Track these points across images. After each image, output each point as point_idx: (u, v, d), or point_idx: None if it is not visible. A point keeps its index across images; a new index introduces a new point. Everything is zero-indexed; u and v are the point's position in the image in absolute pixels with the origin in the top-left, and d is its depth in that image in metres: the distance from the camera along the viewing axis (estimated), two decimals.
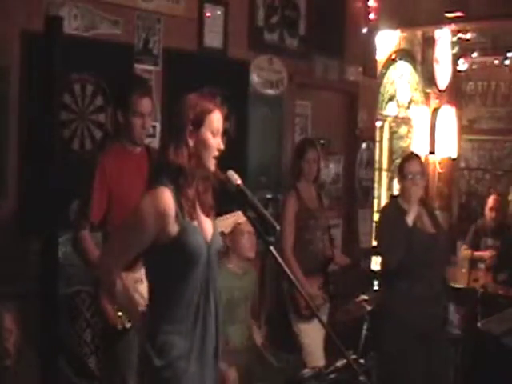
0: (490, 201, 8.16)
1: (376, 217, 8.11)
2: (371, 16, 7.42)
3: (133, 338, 3.83)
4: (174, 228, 2.88)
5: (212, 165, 2.98)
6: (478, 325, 6.08)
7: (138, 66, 5.34)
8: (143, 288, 3.53)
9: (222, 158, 3.02)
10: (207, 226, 3.05)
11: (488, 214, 8.14)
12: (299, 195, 5.71)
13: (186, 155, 2.93)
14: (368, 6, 7.41)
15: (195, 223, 2.96)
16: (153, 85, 5.32)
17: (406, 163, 5.17)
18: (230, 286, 4.81)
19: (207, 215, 3.06)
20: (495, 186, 9.67)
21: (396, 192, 7.04)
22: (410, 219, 5.00)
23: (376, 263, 7.32)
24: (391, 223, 5.11)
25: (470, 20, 7.56)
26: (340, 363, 4.25)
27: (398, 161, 8.53)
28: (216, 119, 2.99)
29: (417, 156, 5.36)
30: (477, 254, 7.79)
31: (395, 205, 5.22)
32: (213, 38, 5.92)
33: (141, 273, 3.60)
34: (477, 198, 9.71)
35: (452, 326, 6.51)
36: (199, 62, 5.77)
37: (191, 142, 2.94)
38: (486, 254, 7.82)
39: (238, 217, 4.67)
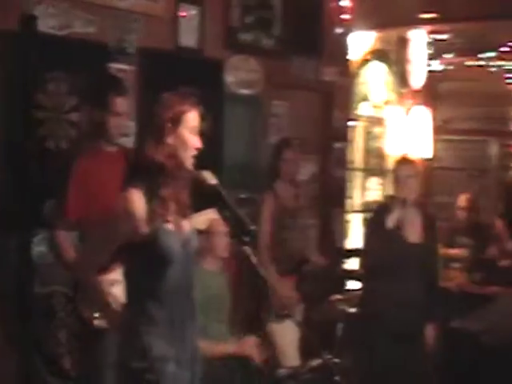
0: (462, 199, 8.18)
1: (349, 217, 8.18)
2: (346, 16, 7.44)
3: (110, 338, 3.82)
4: (144, 229, 2.88)
5: (190, 164, 2.99)
6: (453, 324, 6.12)
7: (114, 65, 5.32)
8: (118, 290, 3.51)
9: (197, 158, 3.03)
10: (183, 226, 3.04)
11: (460, 212, 8.16)
12: (277, 195, 5.71)
13: (164, 155, 2.93)
14: (343, 7, 7.43)
15: (169, 224, 2.96)
16: (128, 84, 5.30)
17: (397, 165, 5.24)
18: (205, 285, 4.79)
19: (183, 215, 3.05)
20: (471, 186, 9.69)
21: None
22: (390, 221, 5.02)
23: (349, 264, 7.35)
24: (374, 223, 5.15)
25: (446, 21, 7.58)
26: (315, 362, 4.27)
27: (374, 161, 8.65)
28: (193, 117, 3.01)
29: (409, 159, 5.41)
30: (451, 252, 7.82)
31: (387, 204, 5.24)
32: (188, 38, 5.91)
33: (116, 274, 3.58)
34: (452, 197, 9.75)
35: None
36: (175, 62, 5.76)
37: (169, 141, 2.94)
38: (460, 252, 7.84)
39: (213, 213, 4.66)
